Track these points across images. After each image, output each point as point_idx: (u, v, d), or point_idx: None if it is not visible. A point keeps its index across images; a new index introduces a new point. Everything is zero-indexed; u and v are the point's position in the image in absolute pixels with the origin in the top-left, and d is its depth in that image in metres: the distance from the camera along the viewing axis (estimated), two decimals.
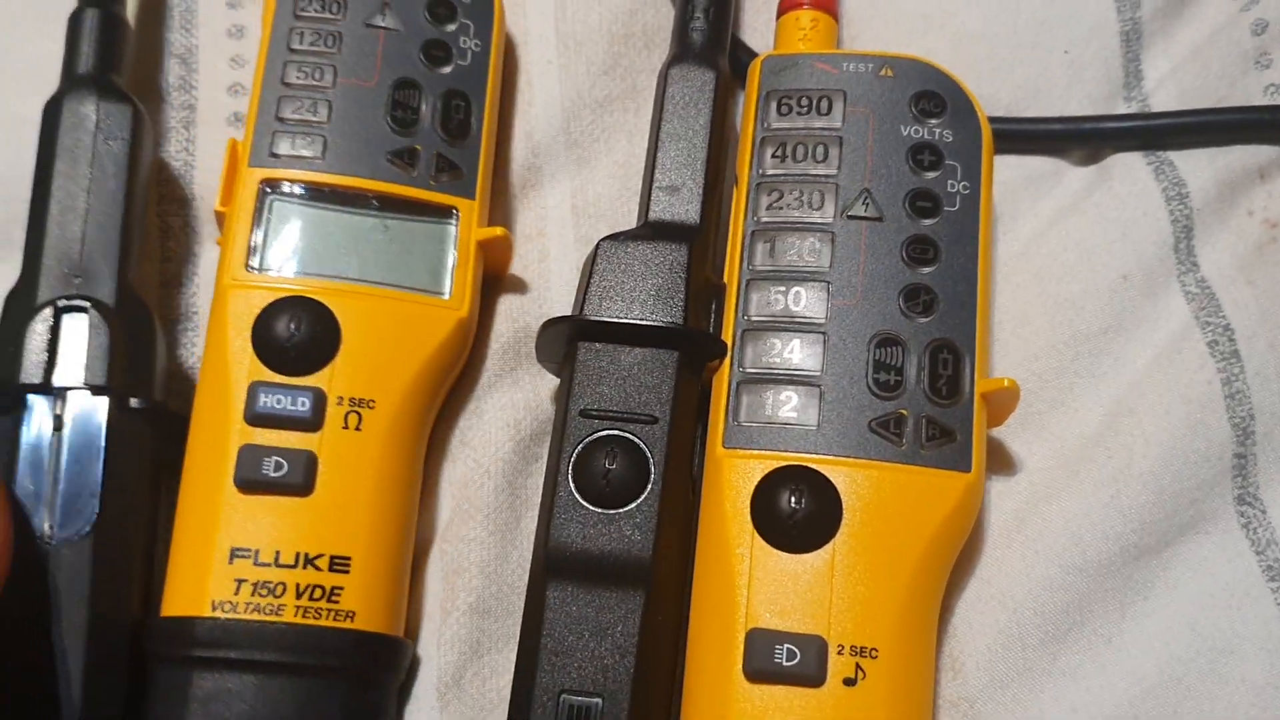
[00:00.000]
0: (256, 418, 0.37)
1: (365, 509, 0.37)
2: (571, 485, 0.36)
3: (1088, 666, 0.38)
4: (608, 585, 0.35)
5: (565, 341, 0.38)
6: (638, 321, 0.37)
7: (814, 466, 0.36)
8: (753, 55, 0.44)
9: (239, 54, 0.47)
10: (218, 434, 0.37)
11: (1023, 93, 0.47)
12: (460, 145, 0.41)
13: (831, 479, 0.36)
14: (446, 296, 0.39)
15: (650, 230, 0.39)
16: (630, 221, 0.44)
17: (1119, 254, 0.43)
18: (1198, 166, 0.45)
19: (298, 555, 0.36)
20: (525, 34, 0.47)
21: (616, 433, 0.36)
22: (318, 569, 0.36)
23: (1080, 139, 0.46)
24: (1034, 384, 0.42)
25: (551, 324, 0.38)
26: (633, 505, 0.36)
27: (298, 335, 0.37)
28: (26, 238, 0.39)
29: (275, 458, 0.36)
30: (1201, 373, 0.41)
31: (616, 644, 0.34)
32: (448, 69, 0.42)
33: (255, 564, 0.36)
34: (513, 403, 0.42)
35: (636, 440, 0.36)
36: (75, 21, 0.42)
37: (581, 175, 0.46)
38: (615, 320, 0.37)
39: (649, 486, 0.36)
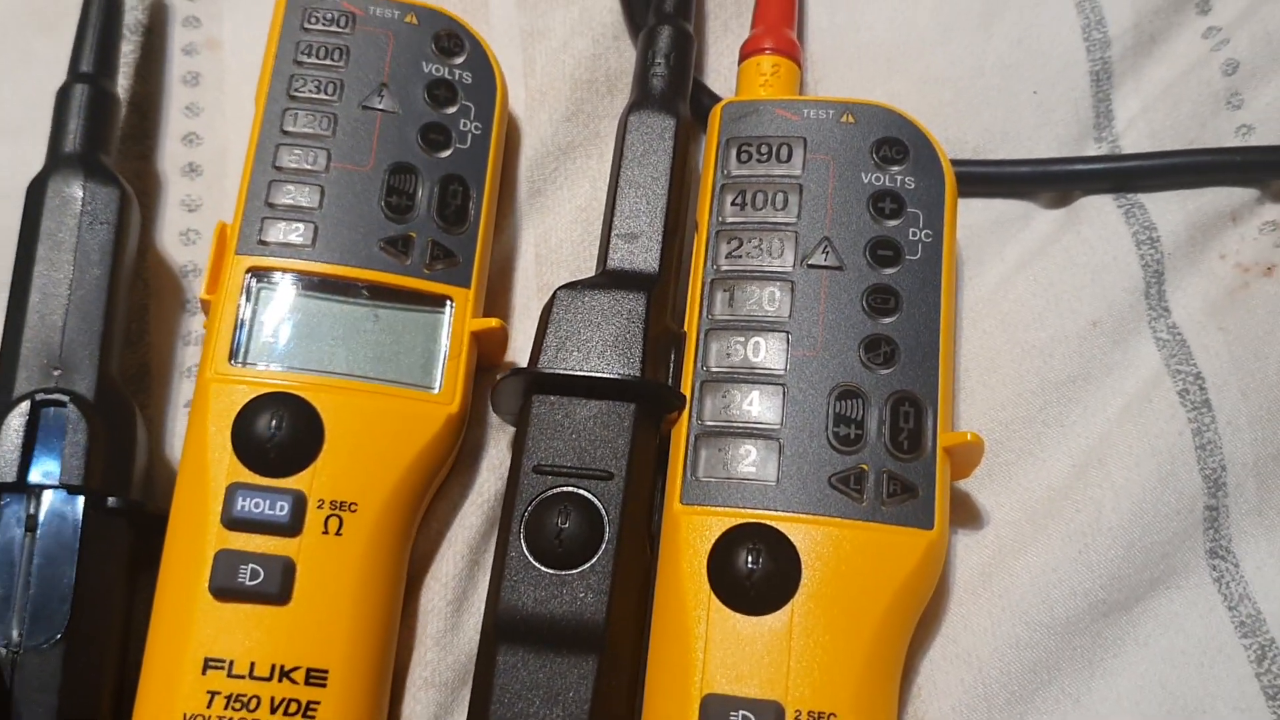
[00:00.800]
0: (234, 521, 0.35)
1: (344, 619, 0.35)
2: (524, 545, 0.35)
3: None
4: (560, 650, 0.34)
5: (520, 394, 0.37)
6: (593, 374, 0.36)
7: (772, 524, 0.34)
8: (715, 99, 0.43)
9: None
10: (195, 537, 0.35)
11: (990, 135, 0.46)
12: (457, 232, 0.39)
13: (790, 537, 0.34)
14: (436, 390, 0.37)
15: (608, 279, 0.38)
16: (591, 268, 0.43)
17: (1088, 299, 0.42)
18: (1169, 209, 0.44)
19: (273, 667, 0.34)
20: None
21: (570, 489, 0.35)
22: (294, 682, 0.34)
23: (1049, 181, 0.45)
24: (1001, 433, 0.41)
25: (507, 377, 0.37)
26: (586, 566, 0.34)
27: (279, 434, 0.36)
28: (5, 326, 0.37)
29: (252, 565, 0.34)
30: (1172, 423, 0.40)
31: (569, 711, 0.33)
32: (446, 153, 0.40)
33: (229, 675, 0.34)
34: (478, 465, 0.40)
35: (591, 497, 0.35)
36: (64, 97, 0.40)
37: (545, 223, 0.45)
38: (570, 372, 0.36)
39: (603, 546, 0.34)
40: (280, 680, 0.34)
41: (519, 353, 0.42)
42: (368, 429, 0.36)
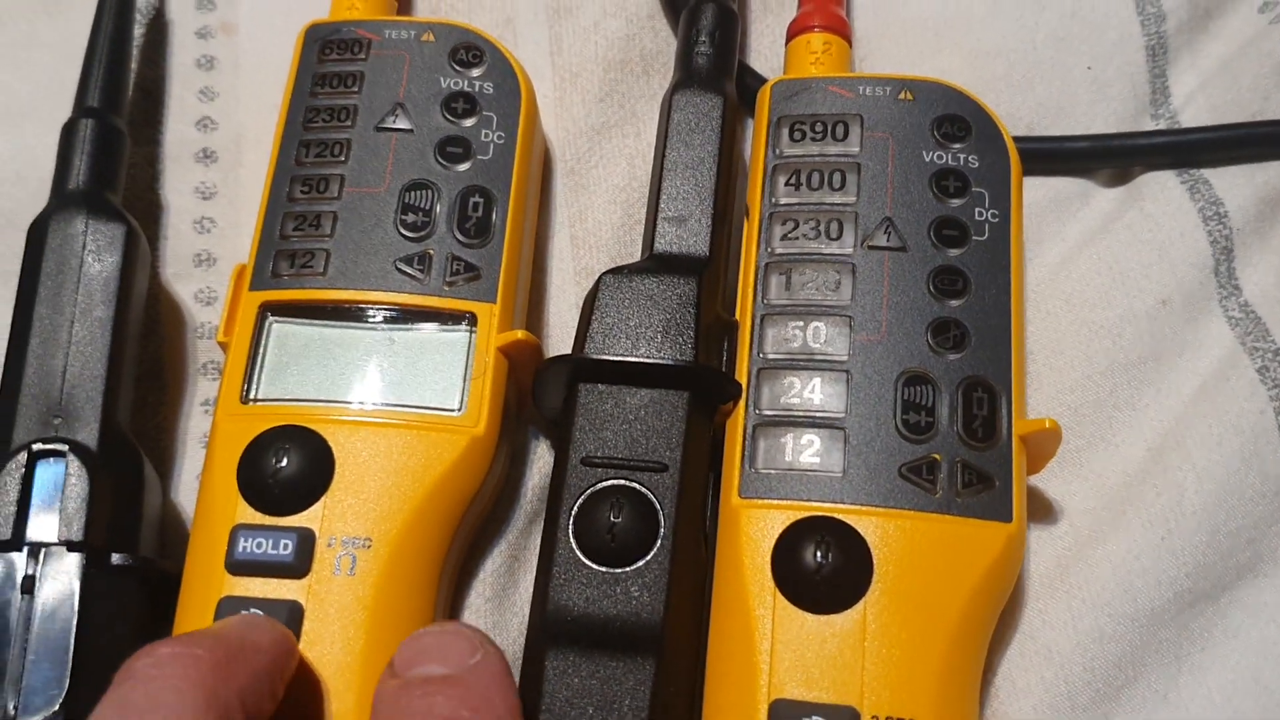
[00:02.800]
0: (237, 565, 0.32)
1: (357, 664, 0.32)
2: (573, 541, 0.32)
3: None
4: (614, 653, 0.31)
5: (565, 383, 0.34)
6: (644, 360, 0.34)
7: (840, 517, 0.32)
8: (760, 80, 0.41)
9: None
10: (202, 586, 0.32)
11: (1044, 111, 0.43)
12: (479, 245, 0.36)
13: (860, 531, 0.32)
14: (459, 412, 0.34)
15: (656, 263, 0.35)
16: (633, 253, 0.41)
17: (1156, 277, 0.40)
18: (1235, 184, 0.41)
19: None
20: None
21: (622, 482, 0.33)
22: None
23: (1109, 158, 0.42)
24: (1070, 419, 0.38)
25: (550, 364, 0.34)
26: (641, 563, 0.32)
27: (282, 469, 0.33)
28: (3, 373, 0.35)
29: (254, 610, 0.32)
30: (1252, 401, 0.37)
31: (625, 719, 0.31)
32: (465, 165, 0.37)
33: None
34: (513, 455, 0.38)
35: (644, 490, 0.32)
36: (69, 132, 0.38)
37: (579, 202, 0.42)
38: (620, 359, 0.34)
39: (658, 542, 0.32)
40: None
41: (556, 343, 0.40)
42: (382, 458, 0.33)
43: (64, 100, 0.39)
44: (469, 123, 0.38)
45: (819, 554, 0.31)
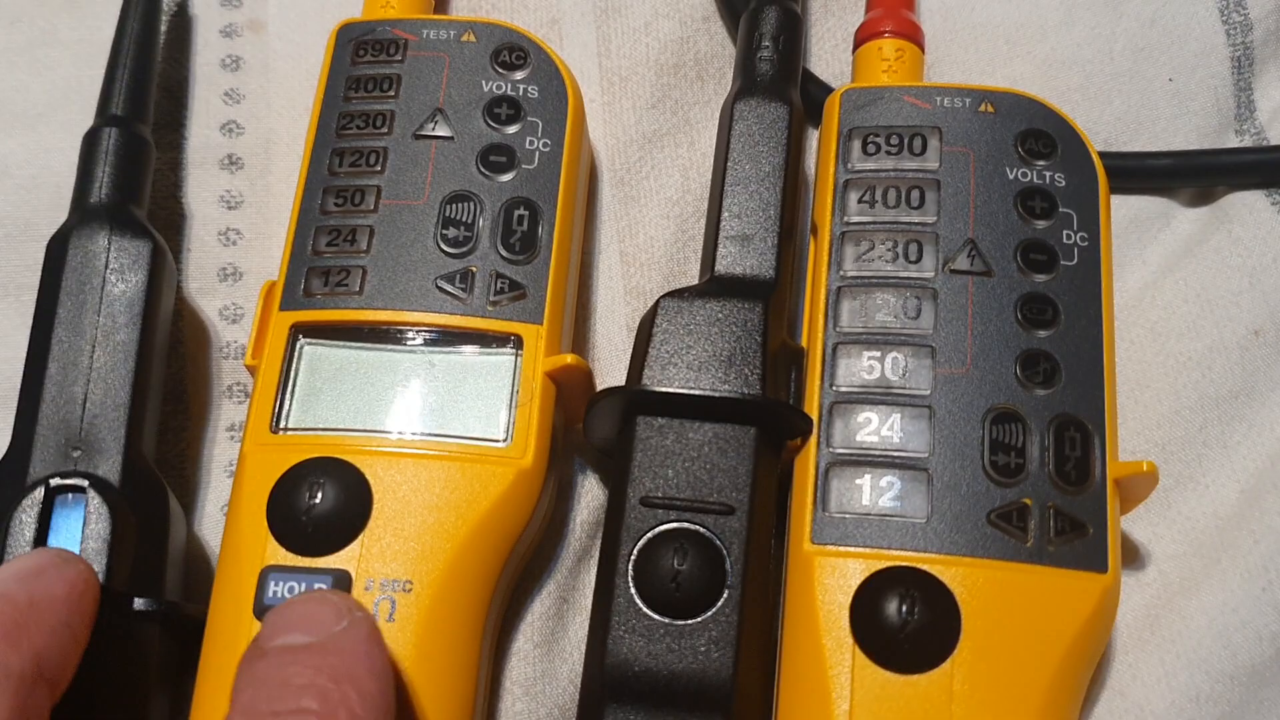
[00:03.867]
0: (266, 611, 0.29)
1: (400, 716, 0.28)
2: (633, 589, 0.29)
3: None
4: (679, 712, 0.28)
5: (620, 416, 0.32)
6: (708, 393, 0.31)
7: (925, 568, 0.29)
8: (825, 89, 0.38)
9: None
10: (229, 633, 0.30)
11: (1122, 125, 0.41)
12: (525, 261, 0.34)
13: (947, 583, 0.29)
14: (504, 443, 0.32)
15: (718, 286, 0.33)
16: (687, 270, 0.39)
17: (1247, 306, 0.37)
18: None
19: None
20: None
21: (685, 525, 0.30)
22: None
23: (1194, 176, 0.40)
24: (1157, 456, 0.35)
25: (604, 395, 0.32)
26: (708, 614, 0.29)
27: (317, 506, 0.30)
28: (20, 401, 0.32)
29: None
30: None
31: None
32: (509, 175, 0.35)
33: None
34: (558, 487, 0.35)
35: (710, 534, 0.30)
36: (91, 141, 0.35)
37: (629, 215, 0.40)
38: (681, 391, 0.31)
39: (726, 591, 0.29)
40: None
41: (607, 370, 0.37)
42: (423, 493, 0.31)
43: (82, 102, 0.37)
44: (513, 129, 0.35)
45: (904, 608, 0.29)
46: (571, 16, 0.42)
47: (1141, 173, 0.40)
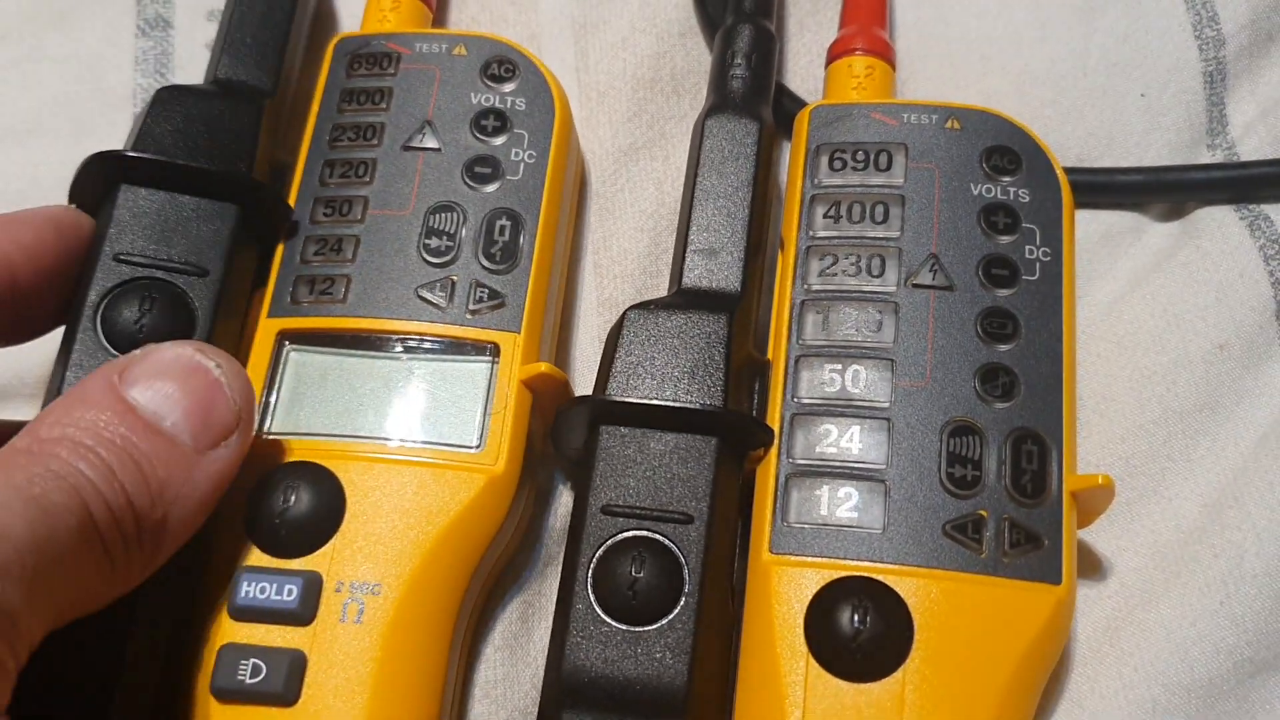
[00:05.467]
0: (240, 610, 0.30)
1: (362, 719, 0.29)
2: (591, 597, 0.30)
3: None
4: (634, 717, 0.29)
5: (586, 425, 0.32)
6: (671, 403, 0.31)
7: (880, 577, 0.30)
8: (799, 103, 0.39)
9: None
10: (205, 631, 0.30)
11: (1095, 140, 0.41)
12: (505, 270, 0.34)
13: (901, 592, 0.30)
14: (477, 450, 0.32)
15: (684, 298, 0.33)
16: (659, 283, 0.39)
17: (1213, 320, 0.37)
18: None
19: None
20: None
21: (645, 534, 0.30)
22: None
23: (1164, 191, 0.40)
24: (1121, 470, 0.36)
25: (570, 405, 0.32)
26: (664, 621, 0.29)
27: (290, 508, 0.31)
28: None
29: (254, 660, 0.29)
30: None
31: None
32: (493, 186, 0.35)
33: None
34: (536, 495, 0.36)
35: (668, 543, 0.30)
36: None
37: (604, 227, 0.40)
38: (644, 401, 0.31)
39: (683, 599, 0.30)
40: None
41: (580, 380, 0.38)
42: (395, 498, 0.31)
43: (72, 118, 0.38)
44: (499, 141, 0.36)
45: (856, 617, 0.29)
46: (550, 31, 0.43)
47: (1113, 188, 0.40)
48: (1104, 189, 0.40)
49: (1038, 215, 0.34)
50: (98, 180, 0.33)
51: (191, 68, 0.42)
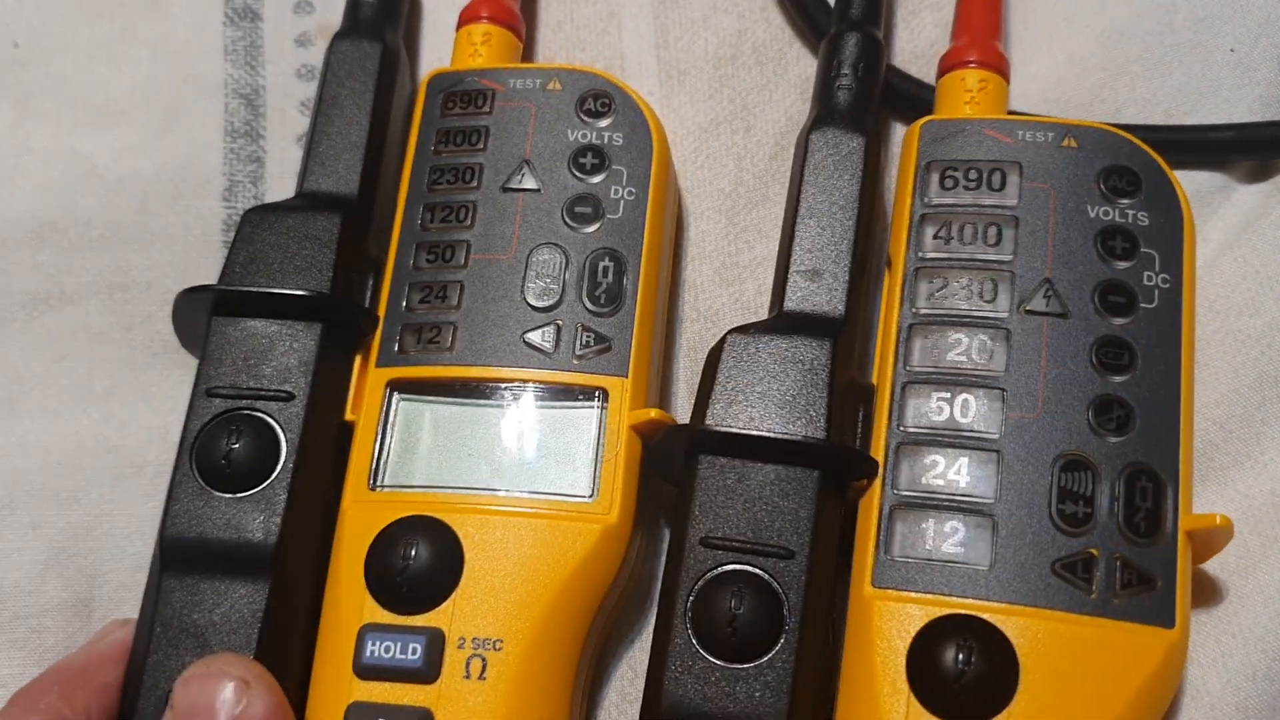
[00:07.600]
0: (365, 669, 0.23)
1: None
2: (690, 631, 0.22)
3: None
4: None
5: (683, 454, 0.23)
6: (771, 434, 0.23)
7: (985, 616, 0.21)
8: (921, 87, 0.29)
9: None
10: (331, 689, 0.23)
11: (1183, 96, 0.29)
12: (610, 313, 0.25)
13: (1007, 633, 0.21)
14: (590, 499, 0.24)
15: (786, 322, 0.24)
16: (738, 263, 0.29)
17: None
18: None
19: None
20: (622, 63, 0.31)
21: (744, 568, 0.22)
22: None
23: (1256, 149, 0.29)
24: (1216, 434, 0.26)
25: (668, 434, 0.23)
26: (763, 660, 0.22)
27: (411, 564, 0.23)
28: None
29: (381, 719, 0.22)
30: None
31: None
32: (594, 226, 0.26)
33: None
34: (647, 540, 0.27)
35: (768, 578, 0.22)
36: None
37: (681, 206, 0.30)
38: (744, 431, 0.23)
39: (783, 637, 0.22)
40: None
41: (673, 398, 0.29)
42: (512, 551, 0.23)
43: (161, 103, 0.29)
44: (598, 179, 0.26)
45: (961, 656, 0.21)
46: (630, 10, 0.32)
47: (1202, 146, 0.29)
48: (1194, 147, 0.28)
49: (1157, 240, 0.23)
50: (192, 313, 0.25)
51: (281, 62, 0.31)
